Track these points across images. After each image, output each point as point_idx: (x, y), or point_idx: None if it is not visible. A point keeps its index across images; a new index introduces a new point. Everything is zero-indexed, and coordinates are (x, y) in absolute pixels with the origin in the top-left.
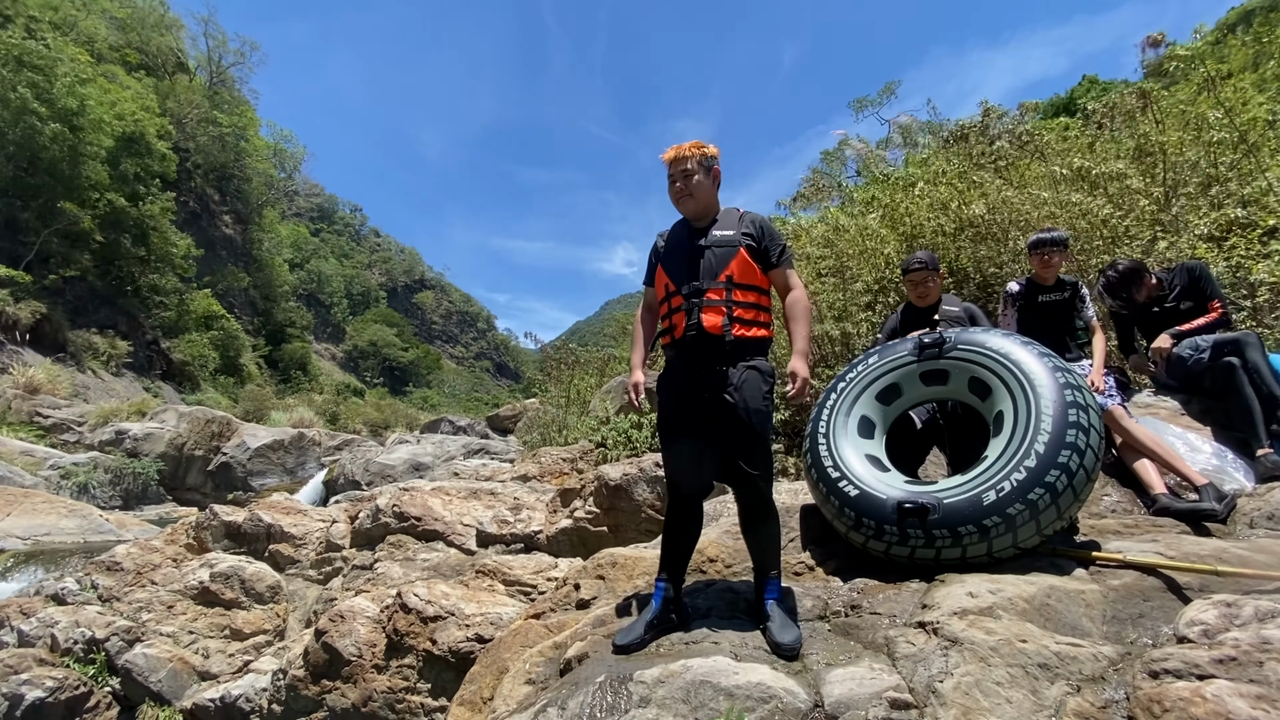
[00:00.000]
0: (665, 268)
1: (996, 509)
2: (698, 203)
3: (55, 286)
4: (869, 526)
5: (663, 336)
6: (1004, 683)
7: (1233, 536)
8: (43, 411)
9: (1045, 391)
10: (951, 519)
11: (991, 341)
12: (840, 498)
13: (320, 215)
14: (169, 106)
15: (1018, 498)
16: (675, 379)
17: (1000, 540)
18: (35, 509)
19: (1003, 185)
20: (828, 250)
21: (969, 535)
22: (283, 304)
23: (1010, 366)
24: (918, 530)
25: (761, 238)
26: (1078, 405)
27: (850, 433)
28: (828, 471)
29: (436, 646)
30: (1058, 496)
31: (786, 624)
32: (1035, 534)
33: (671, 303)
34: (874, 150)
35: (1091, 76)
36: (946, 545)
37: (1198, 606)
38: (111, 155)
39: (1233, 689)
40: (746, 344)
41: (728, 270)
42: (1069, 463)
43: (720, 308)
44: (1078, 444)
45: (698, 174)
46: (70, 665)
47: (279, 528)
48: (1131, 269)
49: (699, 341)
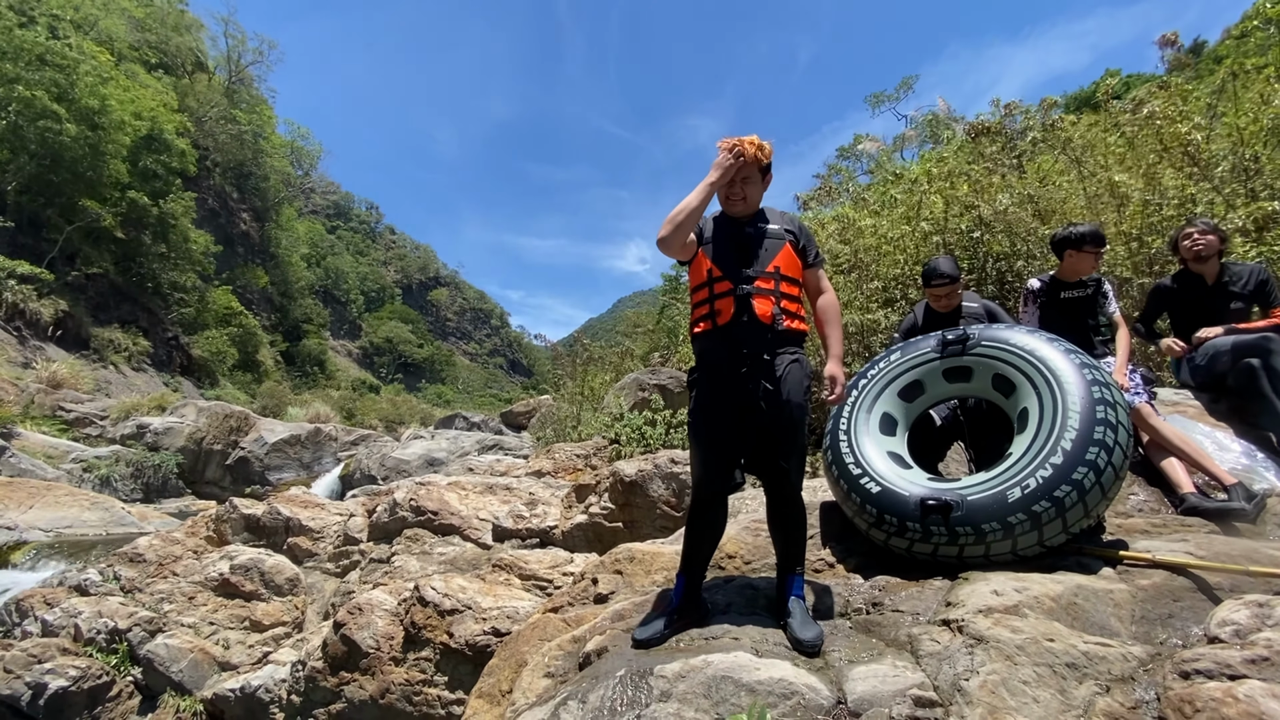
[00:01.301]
0: (709, 254)
1: (1021, 506)
2: (748, 206)
3: (78, 283)
4: (891, 523)
5: (699, 324)
6: (1031, 682)
7: (1263, 536)
8: (65, 406)
9: (1072, 388)
10: (975, 516)
11: (1016, 338)
12: (862, 494)
13: (336, 213)
14: (188, 105)
15: (1044, 495)
16: (714, 370)
17: (1025, 538)
18: (58, 501)
19: (1024, 181)
20: (845, 247)
21: (993, 533)
22: (300, 300)
23: (1036, 363)
24: (941, 528)
25: (800, 236)
26: (1105, 402)
27: (872, 429)
28: (849, 468)
29: (453, 640)
30: (1085, 494)
31: (807, 621)
32: (1061, 531)
33: (714, 288)
34: (886, 147)
35: (1114, 70)
36: (970, 543)
37: (1229, 606)
38: (131, 153)
39: (1266, 689)
40: (790, 335)
41: (775, 261)
42: (1097, 460)
43: (770, 297)
44: (1106, 441)
45: (755, 178)
46: (93, 655)
47: (297, 521)
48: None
49: (748, 328)
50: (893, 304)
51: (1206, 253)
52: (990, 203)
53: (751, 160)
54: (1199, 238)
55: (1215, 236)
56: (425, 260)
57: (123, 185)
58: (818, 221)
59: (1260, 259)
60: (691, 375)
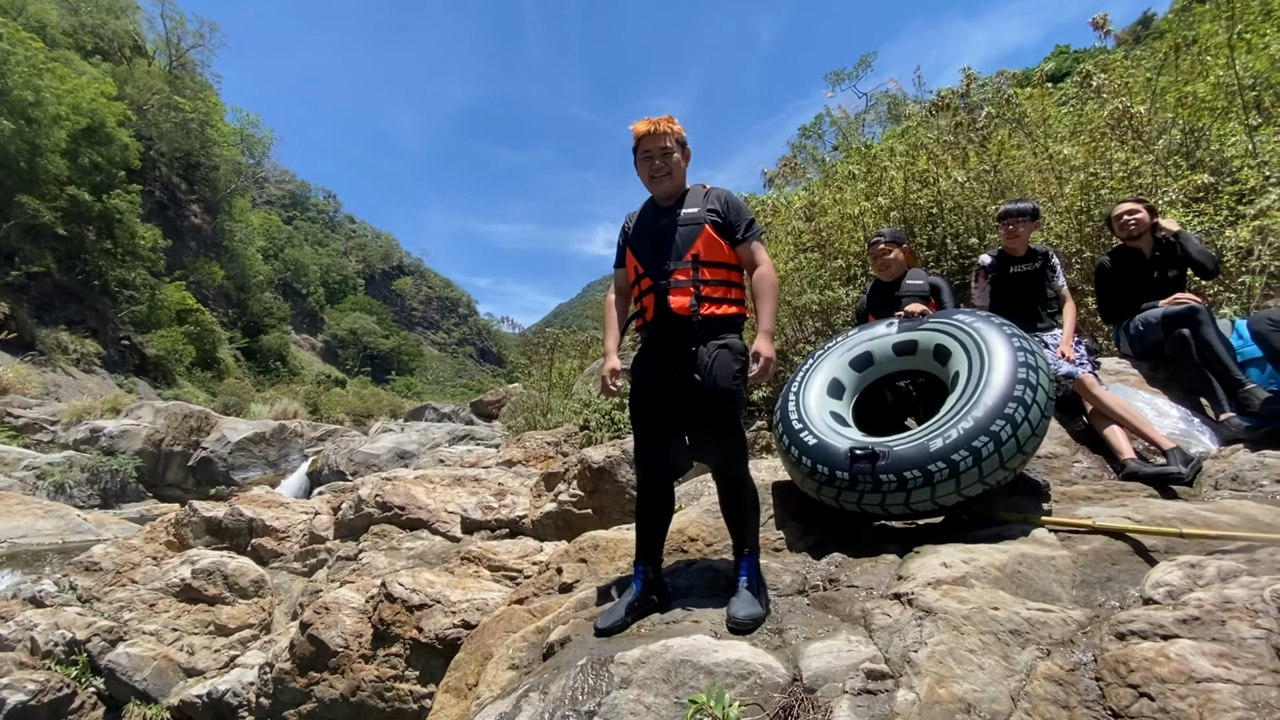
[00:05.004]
0: (634, 249)
1: (942, 455)
2: (675, 182)
3: (19, 283)
4: (822, 473)
5: (635, 319)
6: (976, 650)
7: (1198, 499)
8: (13, 411)
9: (998, 350)
10: (899, 465)
11: (958, 314)
12: (800, 446)
13: (292, 203)
14: (127, 92)
15: (963, 445)
16: (647, 361)
17: (944, 486)
18: (10, 510)
19: (982, 156)
20: (808, 225)
21: (914, 480)
22: (258, 295)
23: (969, 330)
24: (866, 476)
25: (727, 213)
26: (1028, 366)
27: (819, 391)
28: (792, 424)
29: (423, 634)
30: (1001, 445)
31: (750, 601)
32: (978, 481)
33: (641, 285)
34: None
35: (1063, 46)
36: (892, 490)
37: (1163, 568)
38: (71, 147)
39: (1195, 648)
40: (717, 322)
41: (693, 249)
42: (1014, 414)
43: (688, 288)
44: (1024, 399)
45: (675, 152)
46: (52, 667)
47: (261, 521)
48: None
49: (669, 323)
50: (854, 281)
51: (1139, 230)
52: (946, 178)
53: (664, 130)
54: (1128, 216)
55: (1145, 212)
56: (388, 249)
57: (62, 181)
58: (784, 200)
59: (1199, 226)
60: (633, 363)
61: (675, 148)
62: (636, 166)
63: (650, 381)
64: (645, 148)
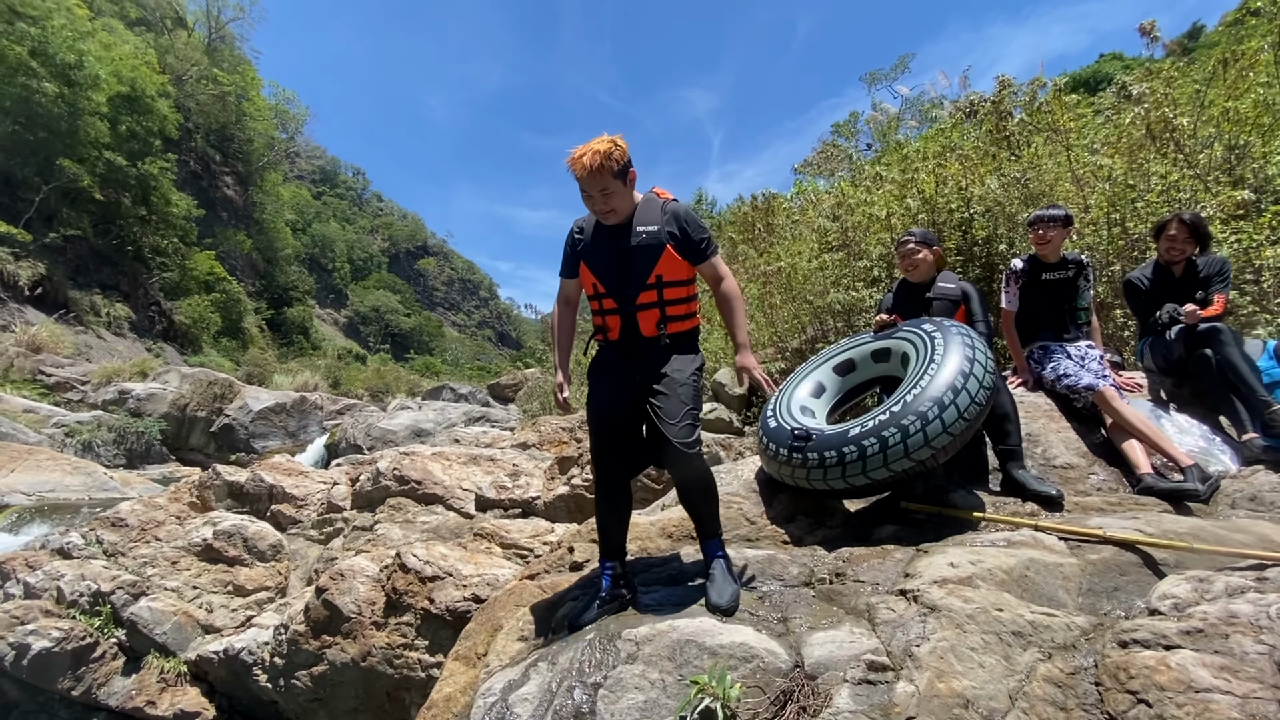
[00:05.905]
0: (590, 266)
1: (873, 433)
2: (622, 212)
3: (56, 245)
4: (772, 451)
5: (596, 334)
6: (978, 648)
7: (1214, 516)
8: (45, 370)
9: (951, 350)
10: (821, 445)
11: (924, 324)
12: (764, 430)
13: (322, 178)
14: (168, 63)
15: (892, 423)
16: (607, 365)
17: (873, 461)
18: (40, 466)
19: (1016, 163)
20: (835, 224)
21: (846, 455)
22: (285, 267)
23: (929, 337)
24: (800, 454)
25: (687, 231)
26: (972, 360)
27: (800, 390)
28: (767, 416)
29: (434, 605)
30: (927, 424)
31: (725, 583)
32: (903, 457)
33: (603, 304)
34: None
35: (1114, 53)
36: (814, 466)
37: (1171, 581)
38: (111, 113)
39: (1197, 659)
40: (680, 339)
41: (656, 270)
42: (943, 398)
43: (654, 310)
44: (956, 385)
45: (614, 189)
46: (76, 617)
47: (281, 488)
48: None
49: (636, 344)
50: (877, 283)
51: (1179, 257)
52: (979, 184)
53: (596, 171)
54: (1173, 247)
55: (1191, 242)
56: (413, 229)
57: (101, 145)
58: (810, 200)
59: (1236, 244)
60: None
61: (613, 183)
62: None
63: (610, 383)
64: (584, 188)
